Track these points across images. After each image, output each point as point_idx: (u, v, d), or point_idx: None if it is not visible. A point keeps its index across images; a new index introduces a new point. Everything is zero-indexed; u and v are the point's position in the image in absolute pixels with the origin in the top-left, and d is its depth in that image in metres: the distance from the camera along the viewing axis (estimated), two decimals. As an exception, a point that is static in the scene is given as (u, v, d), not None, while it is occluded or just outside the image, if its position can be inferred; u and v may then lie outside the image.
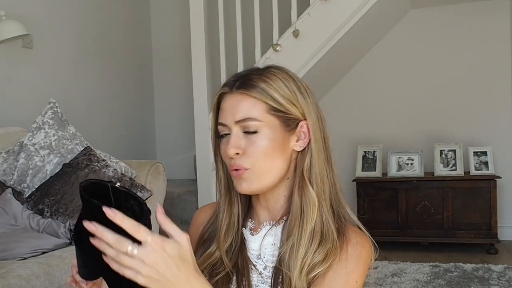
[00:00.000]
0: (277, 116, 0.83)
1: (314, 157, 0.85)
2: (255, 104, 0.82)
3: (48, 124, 2.18)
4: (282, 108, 0.82)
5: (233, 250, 0.88)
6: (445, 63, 3.65)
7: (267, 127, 0.82)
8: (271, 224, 0.88)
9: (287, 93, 0.83)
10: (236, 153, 0.82)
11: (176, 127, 4.13)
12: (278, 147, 0.83)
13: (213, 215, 0.94)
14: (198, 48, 3.08)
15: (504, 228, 3.44)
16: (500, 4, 3.53)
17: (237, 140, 0.82)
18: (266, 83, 0.82)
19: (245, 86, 0.83)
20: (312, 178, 0.84)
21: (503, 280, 2.59)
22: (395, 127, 3.74)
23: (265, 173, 0.83)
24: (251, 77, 0.84)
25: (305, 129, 0.85)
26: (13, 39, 2.51)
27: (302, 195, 0.84)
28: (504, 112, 3.54)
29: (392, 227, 3.34)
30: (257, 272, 0.86)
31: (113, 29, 3.68)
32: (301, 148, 0.86)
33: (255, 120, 0.81)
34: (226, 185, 0.90)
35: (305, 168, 0.85)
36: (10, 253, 1.68)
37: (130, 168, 2.18)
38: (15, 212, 1.91)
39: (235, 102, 0.83)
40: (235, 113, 0.82)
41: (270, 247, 0.87)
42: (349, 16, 2.84)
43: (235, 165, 0.82)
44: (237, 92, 0.83)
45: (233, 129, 0.83)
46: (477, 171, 3.29)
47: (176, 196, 3.33)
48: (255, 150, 0.82)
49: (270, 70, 0.86)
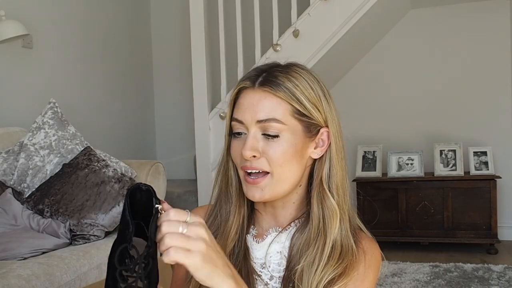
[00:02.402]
0: (300, 121, 0.77)
1: (334, 166, 0.80)
2: (280, 105, 0.76)
3: (48, 124, 2.18)
4: (306, 112, 0.77)
5: (236, 258, 0.81)
6: (445, 63, 3.65)
7: (289, 131, 0.76)
8: (277, 231, 0.83)
9: (313, 96, 0.78)
10: (253, 156, 0.76)
11: (176, 127, 4.13)
12: (297, 153, 0.77)
13: (209, 218, 0.86)
14: (198, 48, 3.08)
15: (504, 228, 3.44)
16: (500, 4, 3.53)
17: (255, 142, 0.76)
18: (293, 83, 0.76)
19: (270, 83, 0.76)
20: (333, 187, 0.79)
21: (503, 280, 2.59)
22: (395, 127, 3.74)
23: (282, 180, 0.77)
24: (276, 74, 0.77)
25: (324, 136, 0.80)
26: (13, 39, 2.51)
27: (323, 205, 0.79)
28: (504, 112, 3.54)
29: (392, 227, 3.34)
30: (263, 283, 0.80)
31: (113, 29, 3.68)
32: (318, 156, 0.80)
33: (278, 122, 0.75)
34: (238, 187, 0.83)
35: (323, 176, 0.80)
36: (10, 253, 1.68)
37: (130, 168, 2.18)
38: (15, 212, 1.91)
39: (257, 99, 0.76)
40: (257, 112, 0.76)
41: (276, 255, 0.82)
42: (349, 16, 2.84)
43: (252, 167, 0.76)
44: (261, 89, 0.76)
45: (251, 129, 0.76)
46: (477, 171, 3.29)
47: (176, 196, 3.33)
48: (276, 155, 0.76)
49: (295, 69, 0.79)
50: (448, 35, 3.63)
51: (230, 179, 0.83)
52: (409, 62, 3.72)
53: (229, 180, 0.84)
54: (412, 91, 3.71)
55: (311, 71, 0.81)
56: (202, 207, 0.91)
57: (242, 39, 3.08)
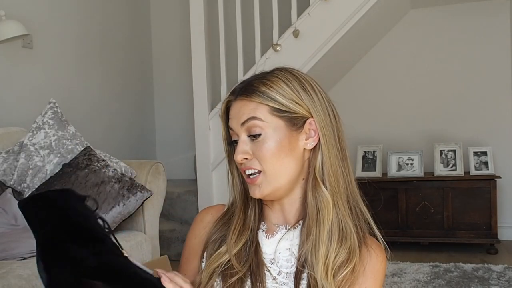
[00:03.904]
0: (280, 117, 0.83)
1: (324, 154, 0.84)
2: (257, 107, 0.83)
3: (48, 124, 2.18)
4: (284, 108, 0.82)
5: (247, 251, 0.87)
6: (444, 63, 3.65)
7: (271, 128, 0.82)
8: (287, 228, 0.87)
9: (289, 92, 0.83)
10: (245, 158, 0.83)
11: (176, 127, 4.13)
12: (285, 147, 0.82)
13: (224, 216, 0.93)
14: (198, 48, 3.08)
15: (504, 228, 3.44)
16: (500, 4, 3.53)
17: (244, 146, 0.83)
18: (266, 86, 0.83)
19: (246, 91, 0.84)
20: (325, 176, 0.83)
21: (503, 280, 2.59)
22: (395, 127, 3.74)
23: (276, 175, 0.83)
24: (253, 82, 0.85)
25: (314, 126, 0.84)
26: (13, 39, 2.51)
27: (316, 195, 0.84)
28: (504, 112, 3.54)
29: (392, 227, 3.33)
30: (272, 277, 0.85)
31: (113, 29, 3.68)
32: (312, 146, 0.85)
33: (258, 119, 0.82)
34: (242, 192, 0.90)
35: (317, 166, 0.84)
36: (10, 253, 1.68)
37: (130, 168, 2.18)
38: (15, 212, 1.91)
39: (238, 108, 0.84)
40: (240, 117, 0.84)
41: (285, 252, 0.86)
42: (349, 16, 2.84)
43: (246, 168, 0.84)
44: (239, 98, 0.85)
45: (240, 135, 0.84)
46: (477, 171, 3.29)
47: (176, 196, 3.33)
48: (262, 153, 0.82)
49: (274, 72, 0.86)
50: (448, 35, 3.63)
51: (235, 185, 0.92)
52: (409, 62, 3.72)
53: (234, 185, 0.92)
54: (412, 91, 3.71)
55: (291, 69, 0.87)
56: (215, 207, 0.98)
57: (242, 39, 3.08)
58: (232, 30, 3.12)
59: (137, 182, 2.07)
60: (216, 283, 0.85)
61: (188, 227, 0.98)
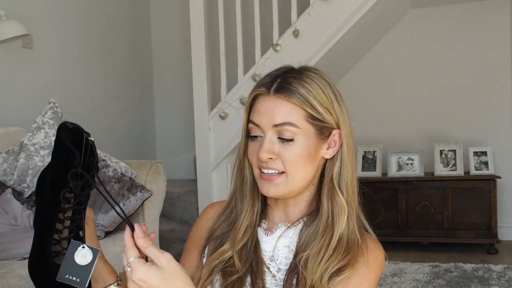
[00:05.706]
0: (313, 124, 0.82)
1: (345, 165, 0.84)
2: (294, 110, 0.80)
3: (48, 124, 2.18)
4: (319, 116, 0.81)
5: (248, 249, 0.87)
6: (444, 63, 3.65)
7: (303, 134, 0.81)
8: (287, 226, 0.87)
9: (325, 100, 0.82)
10: (269, 158, 0.81)
11: (176, 127, 4.13)
12: (311, 155, 0.82)
13: (225, 211, 0.92)
14: (198, 48, 3.08)
15: (504, 228, 3.44)
16: (500, 4, 3.53)
17: (271, 145, 0.81)
18: (306, 89, 0.81)
19: (284, 90, 0.80)
20: (342, 185, 0.84)
21: (503, 280, 2.59)
22: (395, 127, 3.74)
23: (296, 180, 0.82)
24: (289, 80, 0.82)
25: (336, 137, 0.84)
26: (13, 39, 2.51)
27: (332, 202, 0.83)
28: (504, 112, 3.54)
29: (392, 227, 3.33)
30: (271, 275, 0.85)
31: (113, 29, 3.68)
32: (330, 156, 0.85)
33: (293, 125, 0.80)
34: (252, 186, 0.88)
35: (334, 175, 0.84)
36: (10, 253, 1.68)
37: (130, 168, 2.18)
38: (15, 212, 1.91)
39: (272, 106, 0.81)
40: (273, 117, 0.80)
41: (284, 249, 0.86)
42: (349, 16, 2.84)
43: (268, 167, 0.81)
44: (276, 95, 0.81)
45: (267, 132, 0.81)
46: (477, 171, 3.29)
47: (176, 196, 3.33)
48: (290, 157, 0.80)
49: (308, 74, 0.84)
50: (448, 35, 3.63)
51: (245, 177, 0.89)
52: (409, 62, 3.72)
53: (244, 178, 0.89)
54: (412, 91, 3.72)
55: (324, 74, 0.86)
56: (219, 202, 0.99)
57: (242, 39, 3.08)
58: (232, 30, 3.12)
59: (137, 182, 2.07)
60: (216, 279, 0.86)
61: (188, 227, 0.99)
